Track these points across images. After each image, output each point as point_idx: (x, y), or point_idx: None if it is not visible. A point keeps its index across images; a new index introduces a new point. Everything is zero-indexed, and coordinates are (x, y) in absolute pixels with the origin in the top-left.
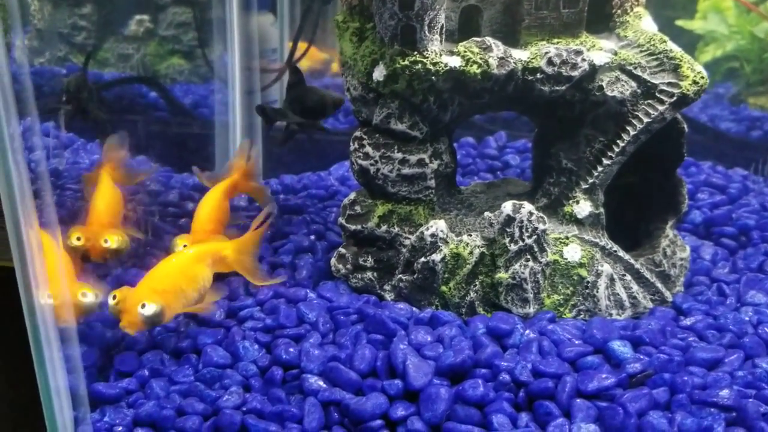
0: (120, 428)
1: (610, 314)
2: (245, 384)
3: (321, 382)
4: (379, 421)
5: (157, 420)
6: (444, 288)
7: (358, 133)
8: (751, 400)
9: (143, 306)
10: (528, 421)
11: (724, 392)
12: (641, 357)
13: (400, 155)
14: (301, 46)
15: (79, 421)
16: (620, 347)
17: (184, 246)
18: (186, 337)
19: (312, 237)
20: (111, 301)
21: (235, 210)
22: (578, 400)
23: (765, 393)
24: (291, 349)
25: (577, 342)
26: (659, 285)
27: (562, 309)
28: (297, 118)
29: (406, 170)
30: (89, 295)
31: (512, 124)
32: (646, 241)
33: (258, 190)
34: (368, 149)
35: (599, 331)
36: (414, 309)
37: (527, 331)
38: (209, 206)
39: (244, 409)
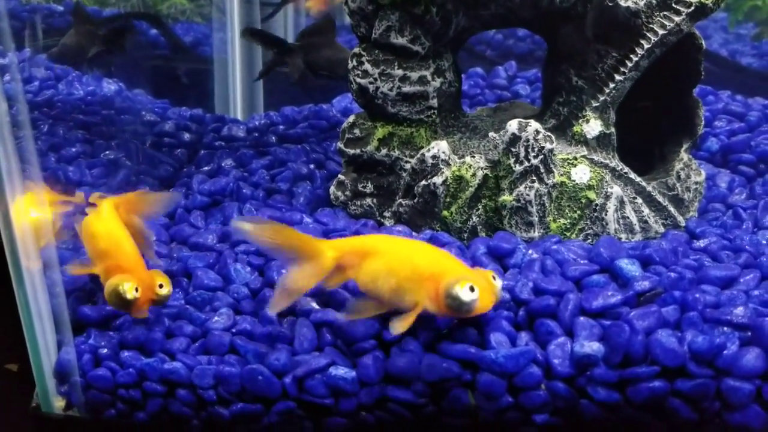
0: (105, 350)
1: (620, 238)
2: (236, 307)
3: (314, 304)
4: (372, 341)
5: (145, 342)
6: (445, 212)
7: (356, 50)
8: (767, 318)
9: None
10: (528, 341)
11: (739, 310)
12: (650, 275)
13: (400, 72)
14: None
15: (62, 344)
16: (628, 266)
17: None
18: (177, 260)
19: (311, 166)
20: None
21: None
22: (582, 318)
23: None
24: (283, 271)
25: (582, 261)
26: (672, 209)
27: (568, 233)
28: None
29: (406, 88)
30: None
31: (525, 58)
32: (660, 164)
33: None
34: (367, 66)
35: (606, 250)
36: (414, 232)
37: (530, 251)
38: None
39: (234, 330)
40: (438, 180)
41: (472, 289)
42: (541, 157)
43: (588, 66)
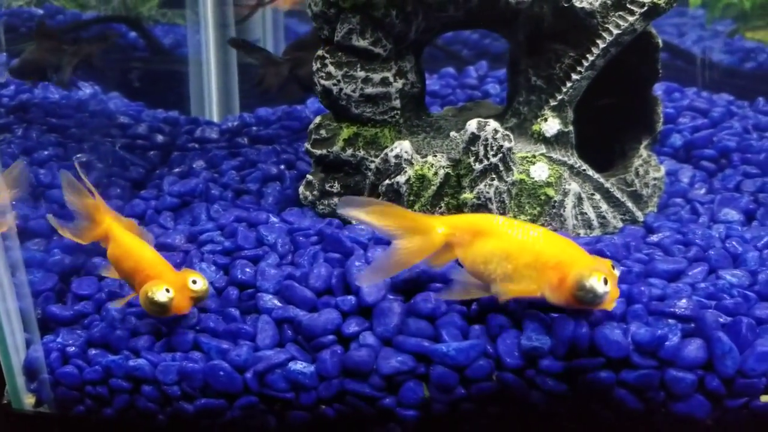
0: (73, 348)
1: (578, 234)
2: (201, 305)
3: (276, 301)
4: (331, 337)
5: (111, 340)
6: None
7: (320, 52)
8: (710, 310)
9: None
10: (480, 334)
11: (683, 302)
12: None
13: (363, 74)
14: None
15: (30, 343)
16: None
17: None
18: None
19: (282, 166)
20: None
21: None
22: (531, 311)
23: (726, 304)
24: (248, 270)
25: None
26: (630, 204)
27: None
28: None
29: (369, 89)
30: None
31: (500, 58)
32: (620, 161)
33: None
34: (330, 68)
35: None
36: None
37: None
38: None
39: (198, 328)
40: (401, 179)
41: (605, 281)
42: (500, 155)
43: (546, 66)
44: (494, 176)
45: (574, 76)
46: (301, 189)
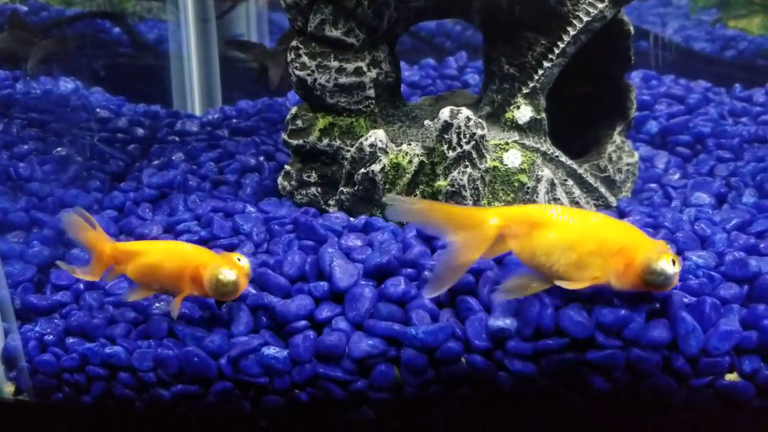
0: (50, 337)
1: None
2: None
3: (250, 288)
4: (303, 322)
5: (88, 329)
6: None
7: (294, 43)
8: (675, 291)
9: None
10: (449, 317)
11: None
12: None
13: (336, 64)
14: None
15: (9, 332)
16: None
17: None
18: None
19: (261, 157)
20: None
21: None
22: (499, 294)
23: (691, 284)
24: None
25: None
26: (603, 190)
27: None
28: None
29: (343, 79)
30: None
31: (480, 48)
32: (594, 147)
33: None
34: (305, 59)
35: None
36: (351, 218)
37: None
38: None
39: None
40: (376, 168)
41: (674, 262)
42: (473, 143)
43: (518, 54)
44: (467, 163)
45: (546, 64)
46: (279, 179)
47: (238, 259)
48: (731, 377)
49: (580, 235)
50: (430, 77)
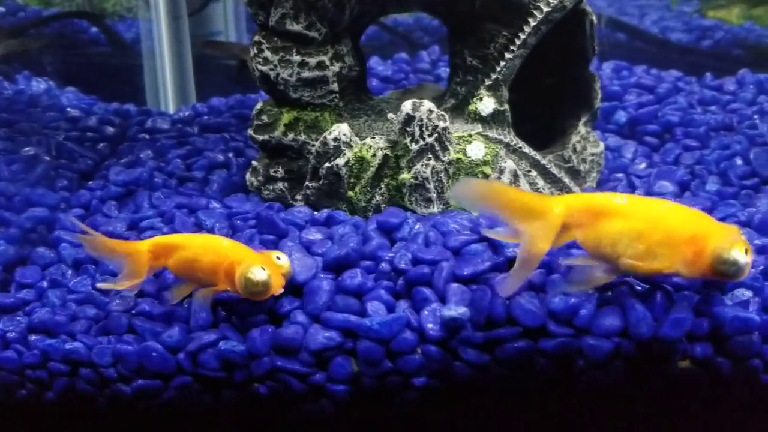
0: (13, 334)
1: None
2: (140, 290)
3: None
4: (262, 316)
5: (50, 326)
6: (351, 193)
7: (256, 38)
8: (629, 278)
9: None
10: (406, 308)
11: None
12: None
13: (299, 58)
14: None
15: None
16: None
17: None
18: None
19: (230, 154)
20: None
21: None
22: (454, 285)
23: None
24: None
25: (465, 232)
26: (567, 180)
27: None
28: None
29: (306, 74)
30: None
31: None
32: (560, 138)
33: None
34: (267, 54)
35: (487, 220)
36: (315, 212)
37: (417, 225)
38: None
39: (134, 311)
40: (340, 161)
41: (747, 251)
42: (435, 135)
43: (481, 46)
44: (431, 156)
45: (507, 55)
46: (247, 175)
47: (278, 258)
48: (684, 364)
49: (648, 223)
50: (403, 72)
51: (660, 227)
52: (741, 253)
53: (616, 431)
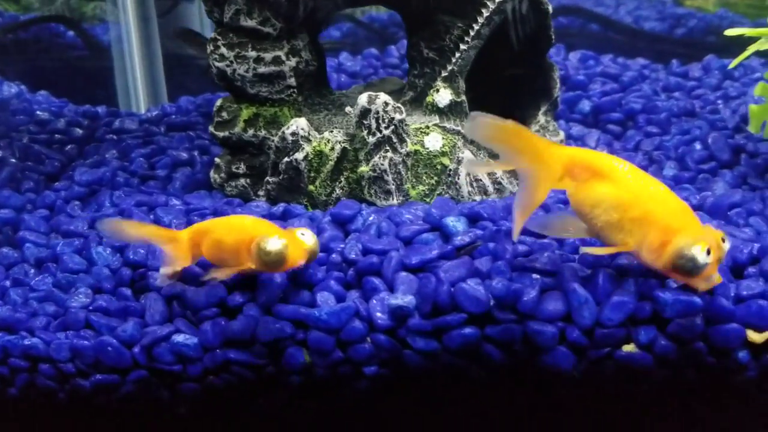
0: None
1: (474, 200)
2: (98, 287)
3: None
4: (214, 309)
5: (11, 323)
6: (311, 187)
7: (213, 35)
8: (571, 263)
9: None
10: (356, 298)
11: (544, 257)
12: (473, 230)
13: (254, 54)
14: None
15: None
16: (454, 222)
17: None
18: (47, 248)
19: (195, 152)
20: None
21: None
22: (402, 274)
23: (589, 258)
24: (140, 250)
25: (418, 222)
26: None
27: (428, 199)
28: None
29: (262, 69)
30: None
31: None
32: None
33: None
34: (223, 50)
35: (438, 210)
36: (272, 207)
37: (371, 216)
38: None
39: (91, 308)
40: (299, 156)
41: (708, 252)
42: (392, 127)
43: (437, 38)
44: (388, 148)
45: (462, 46)
46: (211, 172)
47: (302, 234)
48: (628, 348)
49: (632, 197)
50: (372, 66)
51: (640, 205)
52: (701, 252)
53: (568, 417)
